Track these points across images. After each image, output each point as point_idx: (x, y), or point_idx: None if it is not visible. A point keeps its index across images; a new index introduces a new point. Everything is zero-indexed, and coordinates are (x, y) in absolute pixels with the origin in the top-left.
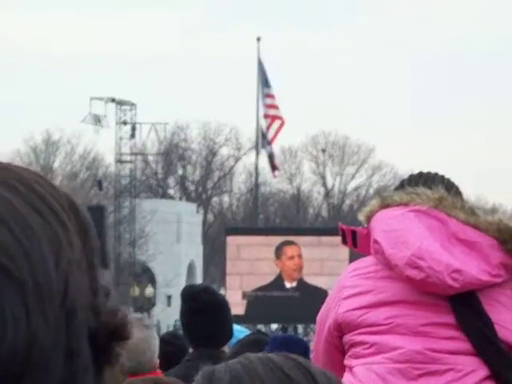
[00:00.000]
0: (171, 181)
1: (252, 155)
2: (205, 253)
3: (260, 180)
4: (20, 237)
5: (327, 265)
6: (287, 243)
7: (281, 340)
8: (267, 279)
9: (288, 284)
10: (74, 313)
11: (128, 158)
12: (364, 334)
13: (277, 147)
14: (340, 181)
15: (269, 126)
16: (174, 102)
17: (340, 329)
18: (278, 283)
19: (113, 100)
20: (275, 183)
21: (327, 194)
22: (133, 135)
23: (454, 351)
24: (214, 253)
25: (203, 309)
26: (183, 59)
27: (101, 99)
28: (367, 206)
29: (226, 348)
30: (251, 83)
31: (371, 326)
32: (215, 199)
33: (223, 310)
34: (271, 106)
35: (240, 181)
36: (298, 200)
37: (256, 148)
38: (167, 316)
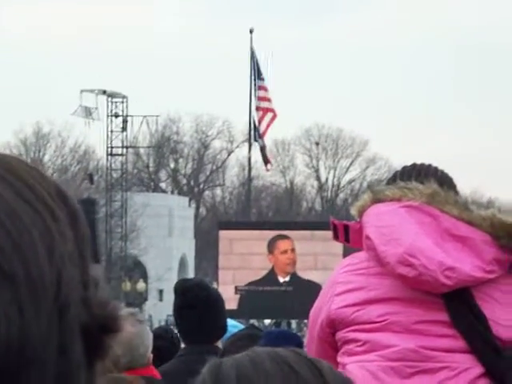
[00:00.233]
0: (163, 174)
1: (245, 148)
2: (197, 247)
3: (253, 173)
4: (10, 229)
5: (321, 259)
6: (280, 237)
7: (275, 335)
8: (260, 274)
9: (281, 278)
10: (67, 307)
11: (119, 151)
12: (357, 332)
13: (270, 140)
14: (334, 174)
15: (261, 119)
16: (166, 95)
17: (333, 325)
18: (271, 278)
19: (104, 92)
20: (268, 176)
21: (321, 188)
22: (124, 128)
23: (448, 349)
24: (207, 247)
25: (196, 303)
26: (175, 51)
27: (92, 91)
28: (359, 201)
29: (220, 343)
30: (244, 75)
31: (364, 324)
32: (207, 193)
33: (216, 305)
34: (263, 99)
35: (232, 174)
36: (292, 193)
37: (249, 141)
38: (159, 311)
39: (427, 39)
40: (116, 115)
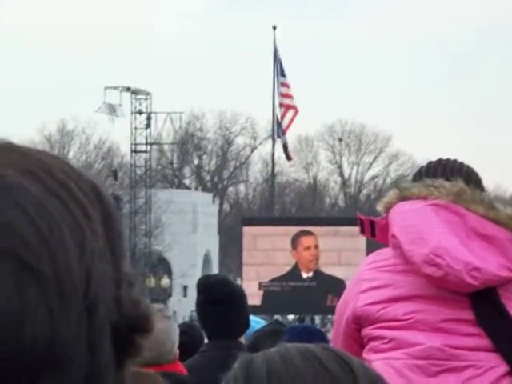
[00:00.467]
0: (187, 170)
1: (268, 144)
2: (221, 243)
3: (276, 169)
4: (39, 225)
5: (344, 255)
6: (304, 233)
7: (299, 330)
8: (284, 269)
9: (304, 274)
10: (97, 306)
11: (143, 148)
12: (383, 329)
13: (293, 136)
14: (357, 170)
15: (283, 116)
16: (190, 92)
17: (358, 322)
18: (295, 273)
19: (128, 89)
20: (291, 173)
21: (344, 184)
22: (148, 125)
23: (474, 348)
24: (230, 243)
25: (218, 300)
26: (199, 48)
27: (116, 88)
28: (385, 197)
29: (243, 339)
30: (267, 72)
31: (390, 321)
32: (231, 189)
33: (239, 301)
34: (286, 95)
35: (256, 170)
36: (315, 190)
37: (272, 137)
38: (183, 307)
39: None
40: (140, 112)
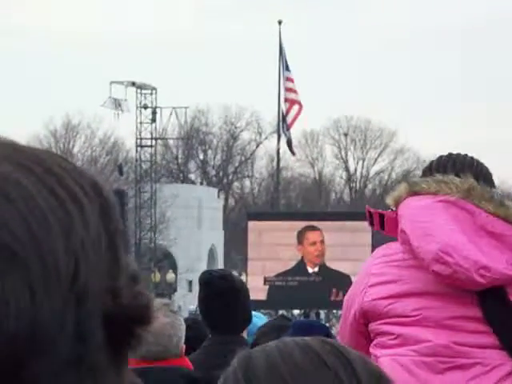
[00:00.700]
0: (192, 165)
1: (273, 139)
2: (226, 238)
3: (281, 164)
4: (24, 212)
5: (350, 250)
6: (310, 228)
7: (303, 325)
8: (289, 264)
9: (310, 269)
10: (86, 294)
11: (148, 143)
12: (390, 325)
13: (298, 131)
14: (362, 165)
15: (288, 111)
16: (195, 86)
17: (366, 316)
18: (300, 268)
19: (133, 84)
20: (297, 167)
21: (349, 179)
22: (153, 119)
23: (481, 345)
24: (235, 238)
25: (219, 294)
26: (204, 42)
27: (121, 83)
28: (395, 191)
29: (245, 334)
30: (272, 67)
31: (398, 317)
32: (236, 184)
33: (240, 296)
34: (291, 90)
35: (261, 165)
36: (320, 184)
37: (277, 132)
38: (188, 301)
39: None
40: (145, 107)
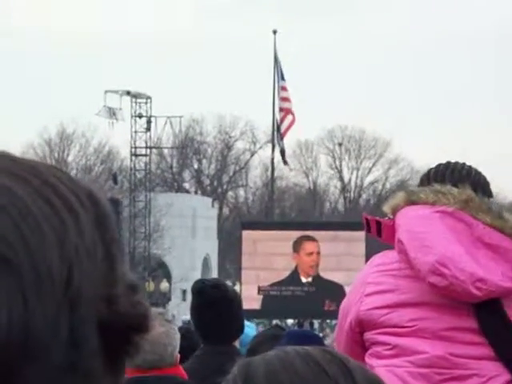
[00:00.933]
0: (186, 175)
1: (268, 149)
2: (220, 247)
3: (276, 174)
4: (16, 219)
5: (343, 260)
6: (307, 238)
7: (296, 335)
8: (283, 274)
9: (304, 279)
10: (79, 301)
11: (143, 152)
12: (386, 335)
13: (293, 141)
14: (356, 175)
15: (282, 120)
16: (190, 96)
17: (361, 325)
18: (294, 278)
19: (128, 93)
20: (291, 177)
21: (344, 188)
22: (148, 128)
23: (477, 356)
24: (229, 247)
25: (211, 303)
26: (198, 52)
27: (116, 92)
28: (393, 199)
29: (237, 343)
30: (266, 76)
31: (394, 327)
32: (231, 193)
33: (232, 306)
34: (285, 99)
35: (256, 175)
36: (314, 194)
37: (272, 142)
38: (183, 311)
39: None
40: (140, 116)
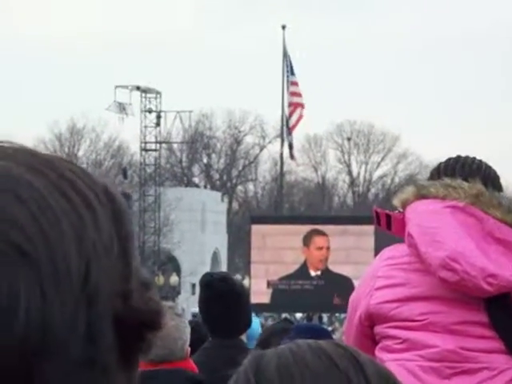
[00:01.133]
0: (196, 169)
1: (277, 143)
2: (229, 241)
3: (285, 168)
4: (36, 213)
5: (352, 254)
6: (317, 232)
7: (304, 328)
8: (292, 268)
9: (313, 272)
10: (97, 296)
11: (153, 147)
12: (397, 329)
13: (302, 135)
14: (365, 169)
15: (291, 114)
16: (199, 91)
17: (371, 319)
18: (303, 271)
19: (138, 88)
20: (300, 172)
21: (352, 183)
22: (158, 123)
23: (488, 350)
24: (239, 242)
25: (218, 296)
26: (209, 47)
27: (126, 87)
28: (403, 193)
29: (244, 336)
30: (276, 71)
31: (404, 321)
32: (240, 188)
33: (239, 299)
34: (295, 94)
35: (265, 169)
36: (323, 188)
37: (281, 136)
38: (192, 304)
39: (460, 35)
40: (150, 111)
